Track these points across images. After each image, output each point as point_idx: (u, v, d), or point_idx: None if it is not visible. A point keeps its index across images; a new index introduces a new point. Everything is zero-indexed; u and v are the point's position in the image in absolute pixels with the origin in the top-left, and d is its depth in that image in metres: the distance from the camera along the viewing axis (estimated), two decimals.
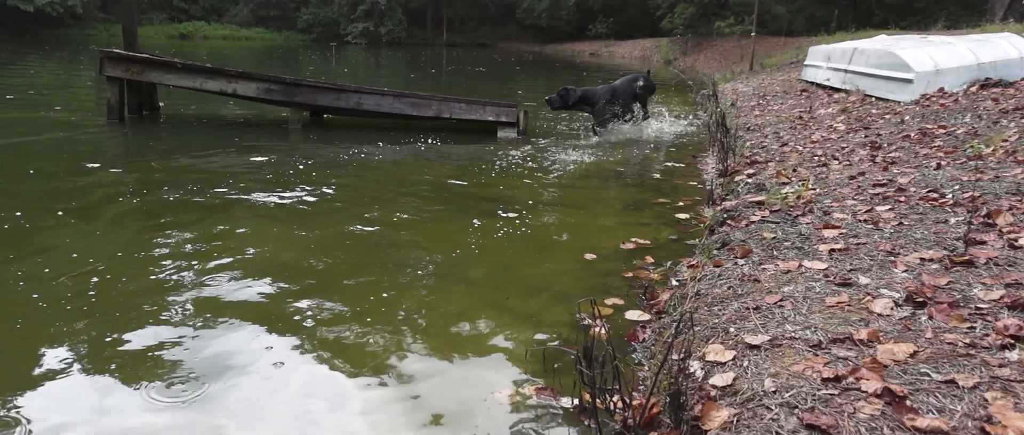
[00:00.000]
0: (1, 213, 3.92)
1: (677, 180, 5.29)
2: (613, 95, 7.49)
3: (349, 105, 7.35)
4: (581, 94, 7.36)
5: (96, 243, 3.54)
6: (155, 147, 6.28)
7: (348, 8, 46.90)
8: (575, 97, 7.34)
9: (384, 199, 4.61)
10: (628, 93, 7.60)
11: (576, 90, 7.41)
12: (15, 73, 14.74)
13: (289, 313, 2.77)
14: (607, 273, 3.31)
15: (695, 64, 21.37)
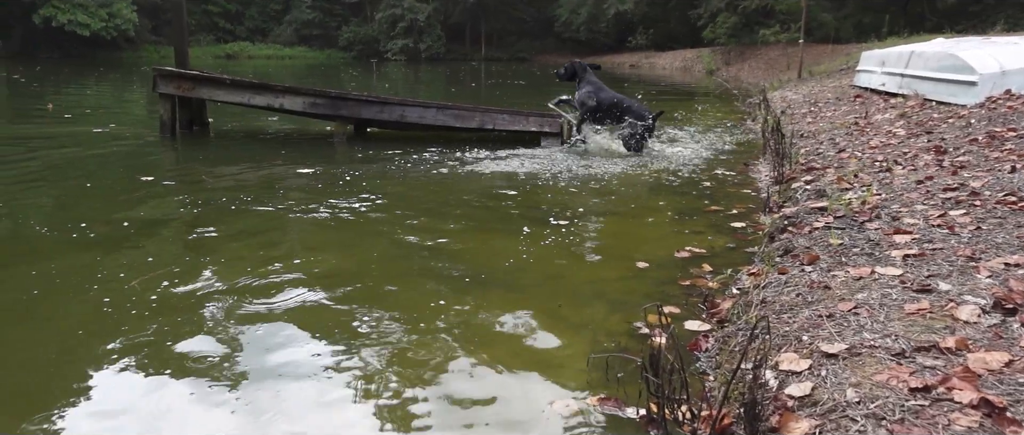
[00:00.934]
0: (68, 224, 4.00)
1: (729, 188, 5.14)
2: (600, 105, 6.85)
3: (393, 118, 7.38)
4: (585, 68, 7.13)
5: (157, 252, 3.57)
6: (205, 160, 6.38)
7: (388, 25, 47.63)
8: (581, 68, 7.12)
9: (431, 209, 4.58)
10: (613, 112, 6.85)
11: (582, 63, 7.20)
12: (73, 93, 15.27)
13: (338, 322, 2.73)
14: (662, 282, 3.20)
15: (739, 73, 21.05)
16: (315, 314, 2.80)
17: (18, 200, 4.66)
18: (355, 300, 2.95)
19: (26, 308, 2.82)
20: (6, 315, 2.74)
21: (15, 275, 3.20)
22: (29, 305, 2.85)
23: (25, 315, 2.76)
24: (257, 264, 3.35)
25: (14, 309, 2.81)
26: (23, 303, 2.88)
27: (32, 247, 3.62)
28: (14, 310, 2.79)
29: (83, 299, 2.90)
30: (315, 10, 50.45)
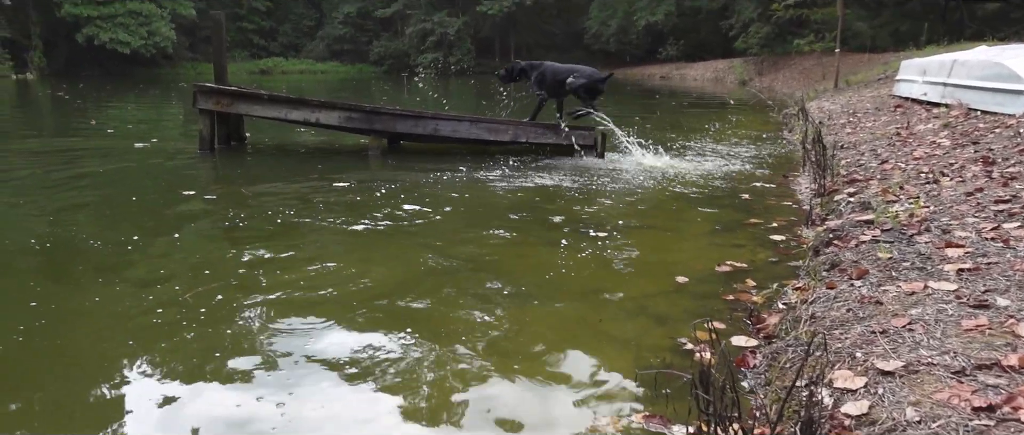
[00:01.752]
0: (121, 237, 4.10)
1: (769, 200, 5.07)
2: (543, 77, 7.10)
3: (426, 131, 7.42)
4: (523, 67, 7.35)
5: (203, 265, 3.62)
6: (244, 175, 6.48)
7: (418, 40, 48.08)
8: (517, 69, 7.35)
9: (467, 222, 4.58)
10: (558, 81, 7.05)
11: (520, 63, 7.43)
12: (115, 109, 15.66)
13: (379, 336, 2.74)
14: (704, 296, 3.16)
15: (773, 84, 20.80)
16: (357, 327, 2.81)
17: (67, 213, 4.78)
18: (395, 314, 2.96)
19: (80, 318, 2.88)
20: (63, 325, 2.80)
21: (70, 285, 3.27)
22: (82, 315, 2.91)
23: (79, 325, 2.82)
24: (300, 279, 3.38)
25: (68, 319, 2.87)
26: (77, 312, 2.94)
27: (84, 258, 3.70)
28: (68, 320, 2.85)
29: (137, 309, 2.95)
30: (347, 26, 51.16)
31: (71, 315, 2.93)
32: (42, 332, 2.73)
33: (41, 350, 2.59)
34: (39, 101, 19.12)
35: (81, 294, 3.18)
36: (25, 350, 2.59)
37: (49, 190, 5.60)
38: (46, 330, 2.75)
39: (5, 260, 3.66)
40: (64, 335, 2.74)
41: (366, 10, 51.19)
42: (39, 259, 3.74)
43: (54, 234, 4.19)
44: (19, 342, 2.64)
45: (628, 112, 14.05)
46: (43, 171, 6.43)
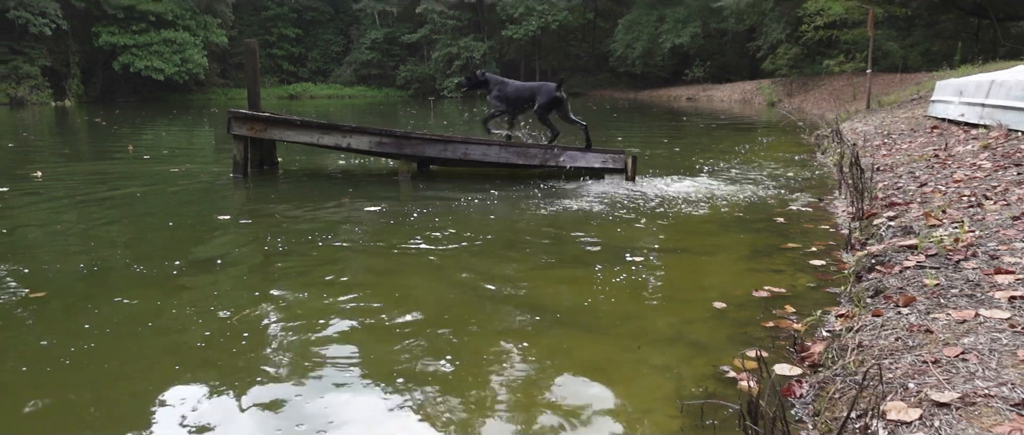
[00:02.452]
0: (165, 262, 4.17)
1: (805, 224, 4.99)
2: (505, 94, 7.47)
3: (456, 155, 7.46)
4: (485, 78, 7.64)
5: (242, 288, 3.66)
6: (277, 199, 6.56)
7: (444, 64, 48.64)
8: (478, 80, 7.66)
9: (500, 247, 4.58)
10: (521, 98, 7.47)
11: (483, 73, 7.70)
12: (150, 134, 16.01)
13: (415, 364, 2.73)
14: (744, 323, 3.10)
15: (803, 104, 20.61)
16: (392, 356, 2.81)
17: (108, 238, 4.87)
18: (430, 341, 2.95)
19: (126, 341, 2.91)
20: (110, 348, 2.83)
21: (115, 309, 3.32)
22: (128, 338, 2.94)
23: (125, 348, 2.85)
24: (336, 305, 3.40)
25: (115, 342, 2.90)
26: (124, 336, 2.97)
27: (127, 282, 3.75)
28: (115, 343, 2.89)
29: (181, 332, 2.98)
30: (374, 51, 51.99)
31: (118, 338, 2.97)
32: (89, 355, 2.77)
33: (88, 373, 2.62)
34: (77, 127, 19.64)
35: (127, 317, 3.22)
36: (73, 373, 2.62)
37: (90, 214, 5.72)
38: (93, 353, 2.79)
39: (50, 284, 3.73)
40: (112, 357, 2.77)
41: (393, 35, 52.02)
42: (84, 283, 3.80)
43: (96, 258, 4.26)
44: (66, 364, 2.68)
45: (656, 134, 14.03)
46: (83, 195, 6.58)
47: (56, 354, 2.79)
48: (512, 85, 7.60)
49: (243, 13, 52.67)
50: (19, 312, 3.32)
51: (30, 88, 35.10)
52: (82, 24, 39.19)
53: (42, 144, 13.98)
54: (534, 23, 45.37)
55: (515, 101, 7.49)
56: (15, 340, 2.99)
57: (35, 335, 3.02)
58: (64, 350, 2.82)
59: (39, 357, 2.78)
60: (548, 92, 7.32)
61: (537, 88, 7.47)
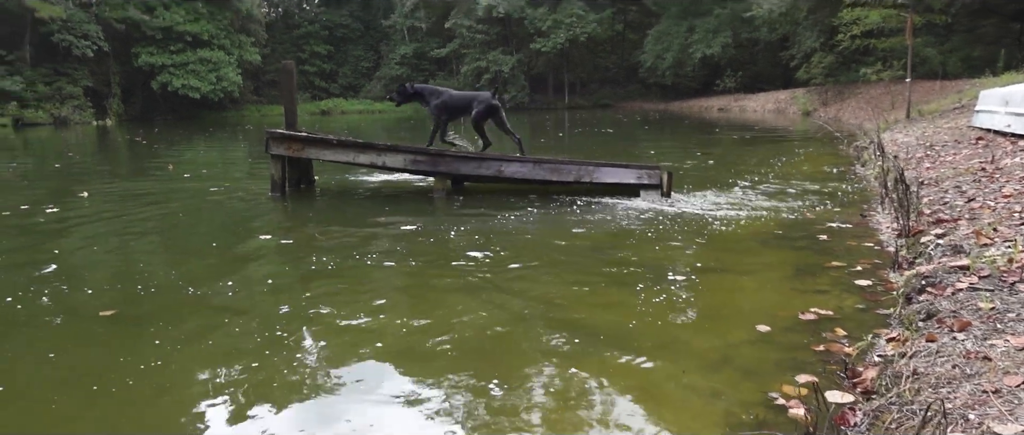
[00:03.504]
0: (219, 282, 4.27)
1: (848, 241, 4.89)
2: (444, 104, 7.61)
3: (490, 172, 7.49)
4: (417, 90, 7.80)
5: (294, 309, 3.70)
6: (315, 218, 6.65)
7: (473, 78, 48.95)
8: (411, 91, 7.79)
9: (537, 266, 4.57)
10: (458, 108, 7.68)
11: (415, 84, 7.83)
12: (188, 152, 16.37)
13: (453, 386, 2.73)
14: (792, 347, 3.05)
15: (839, 114, 20.28)
16: (433, 377, 2.81)
17: (157, 258, 4.98)
18: (471, 363, 2.95)
19: (175, 358, 2.97)
20: (160, 364, 2.89)
21: (178, 328, 3.41)
22: (179, 357, 3.00)
23: (174, 365, 2.90)
24: (377, 326, 3.43)
25: (164, 359, 2.96)
26: (188, 355, 3.05)
27: (185, 303, 3.84)
28: (164, 360, 2.94)
29: (229, 352, 3.03)
30: (403, 66, 52.56)
31: (168, 356, 3.04)
32: (160, 372, 2.83)
33: (139, 389, 2.68)
34: (118, 146, 20.15)
35: (190, 335, 3.32)
36: (123, 388, 2.68)
37: (137, 235, 5.86)
38: (162, 370, 2.85)
39: (117, 304, 3.83)
40: (181, 372, 2.82)
41: (422, 51, 52.57)
42: (147, 303, 3.89)
43: (151, 278, 4.36)
44: (123, 380, 2.74)
45: (688, 147, 13.91)
46: (129, 215, 6.74)
47: (105, 368, 2.89)
48: (449, 93, 7.80)
49: (276, 32, 53.75)
50: (98, 330, 3.49)
51: (73, 108, 36.11)
52: (122, 45, 40.28)
53: (86, 163, 14.37)
54: (562, 36, 45.47)
55: (453, 109, 7.72)
56: (105, 355, 3.16)
57: (114, 351, 3.19)
58: (112, 363, 2.92)
59: (122, 371, 2.88)
60: (484, 101, 7.58)
61: (474, 97, 7.75)
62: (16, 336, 3.45)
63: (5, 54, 34.40)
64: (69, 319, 3.65)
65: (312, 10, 58.02)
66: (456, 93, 7.89)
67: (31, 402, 2.72)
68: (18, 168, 13.17)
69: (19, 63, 35.09)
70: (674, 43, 40.66)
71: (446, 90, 7.90)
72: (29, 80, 34.81)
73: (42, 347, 3.26)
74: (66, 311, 3.76)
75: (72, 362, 3.08)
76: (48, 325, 3.57)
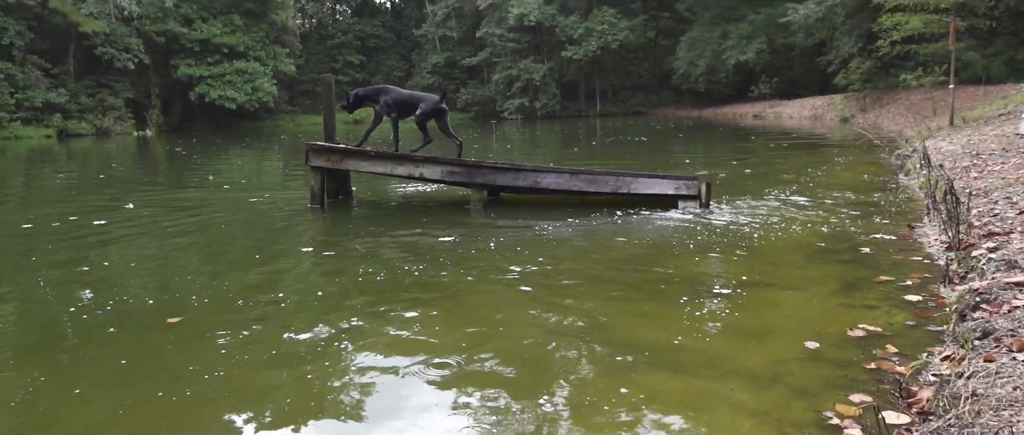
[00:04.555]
0: (270, 294, 4.39)
1: (894, 254, 4.80)
2: (392, 101, 7.74)
3: (527, 184, 7.50)
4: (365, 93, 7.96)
5: (345, 321, 3.76)
6: (355, 230, 6.73)
7: (504, 86, 49.08)
8: (358, 96, 7.94)
9: (577, 279, 4.56)
10: (407, 105, 7.78)
11: (356, 91, 8.01)
12: (226, 163, 16.69)
13: (498, 404, 2.74)
14: (842, 364, 3.00)
15: (878, 120, 19.89)
16: (482, 390, 2.82)
17: (206, 270, 5.08)
18: (518, 380, 2.96)
19: (251, 368, 3.04)
20: (242, 372, 2.96)
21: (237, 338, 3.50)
22: (254, 366, 3.07)
23: (249, 375, 2.96)
24: (420, 340, 3.46)
25: (244, 368, 3.05)
26: (249, 364, 3.13)
27: (242, 314, 3.93)
28: (245, 368, 3.01)
29: (296, 364, 3.09)
30: (435, 75, 52.94)
31: (246, 365, 3.13)
32: (226, 381, 2.89)
33: (202, 394, 2.74)
34: (159, 157, 20.63)
35: (249, 344, 3.42)
36: (185, 392, 2.75)
37: (183, 246, 6.00)
38: (228, 379, 2.91)
39: (181, 311, 3.94)
40: (245, 382, 2.88)
41: (453, 59, 52.91)
42: (212, 312, 4.00)
43: (205, 289, 4.46)
44: (187, 385, 2.81)
45: (723, 155, 13.79)
46: (173, 226, 6.90)
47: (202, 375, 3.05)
48: (396, 92, 7.96)
49: (310, 42, 54.61)
50: (171, 336, 3.63)
51: (114, 119, 37.09)
52: (162, 58, 41.30)
53: (129, 174, 14.75)
54: (594, 43, 45.38)
55: (400, 107, 7.84)
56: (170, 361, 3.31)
57: (185, 358, 3.33)
58: (207, 371, 3.07)
59: (188, 378, 3.00)
60: (432, 102, 7.77)
61: (421, 97, 7.94)
62: (91, 343, 3.61)
63: (51, 68, 35.50)
64: (136, 327, 3.82)
65: (345, 21, 58.86)
66: (404, 92, 8.09)
67: (102, 406, 2.85)
68: (65, 179, 13.56)
69: (64, 76, 36.20)
70: (707, 49, 40.30)
71: (393, 88, 8.09)
72: (73, 92, 35.89)
73: (114, 353, 3.43)
74: (130, 319, 3.93)
75: (141, 367, 3.25)
76: (115, 332, 3.73)
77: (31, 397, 2.94)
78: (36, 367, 3.26)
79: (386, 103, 7.82)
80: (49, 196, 10.64)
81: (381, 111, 7.94)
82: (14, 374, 3.20)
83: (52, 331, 3.80)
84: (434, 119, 7.83)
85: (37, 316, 4.09)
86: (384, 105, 7.84)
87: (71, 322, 3.90)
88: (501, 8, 47.71)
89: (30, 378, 3.12)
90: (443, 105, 7.84)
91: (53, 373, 3.19)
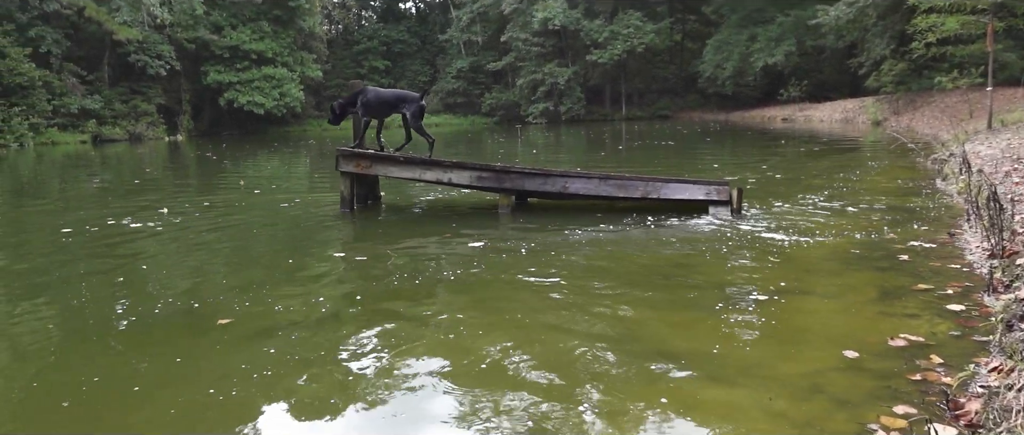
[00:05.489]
0: (311, 299, 4.44)
1: (933, 262, 4.70)
2: (368, 101, 7.72)
3: (555, 189, 7.49)
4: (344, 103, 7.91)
5: (382, 329, 3.79)
6: (385, 235, 6.77)
7: (528, 91, 49.11)
8: (342, 105, 7.88)
9: (610, 286, 4.54)
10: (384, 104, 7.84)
11: (338, 101, 7.97)
12: (254, 168, 16.91)
13: (537, 412, 2.73)
14: (885, 375, 2.93)
15: (912, 124, 19.53)
16: (512, 393, 2.81)
17: (243, 276, 5.15)
18: (547, 390, 2.94)
19: (299, 368, 3.08)
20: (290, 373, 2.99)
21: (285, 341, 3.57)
22: (301, 366, 3.11)
23: (298, 381, 3.00)
24: (457, 348, 3.46)
25: (293, 369, 3.09)
26: (299, 364, 3.19)
27: (286, 319, 3.98)
28: (295, 369, 3.04)
29: (335, 368, 3.12)
30: (460, 80, 53.18)
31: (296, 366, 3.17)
32: (275, 380, 2.93)
33: (251, 394, 2.78)
34: (190, 161, 20.97)
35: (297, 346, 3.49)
36: (233, 392, 2.79)
37: (219, 251, 6.09)
38: (277, 378, 2.94)
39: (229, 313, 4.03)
40: (295, 385, 2.91)
41: (478, 64, 53.06)
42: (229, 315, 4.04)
43: (245, 293, 4.51)
44: (235, 384, 2.85)
45: (752, 160, 13.63)
46: (208, 231, 7.00)
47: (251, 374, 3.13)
48: (374, 91, 7.97)
49: (336, 48, 55.19)
50: (224, 337, 3.73)
51: (147, 125, 37.83)
52: (192, 64, 42.06)
53: (163, 179, 15.01)
54: (619, 47, 45.23)
55: (377, 107, 7.88)
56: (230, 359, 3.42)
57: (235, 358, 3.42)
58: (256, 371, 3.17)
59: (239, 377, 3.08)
60: (415, 100, 7.78)
61: (404, 96, 7.95)
62: (146, 344, 3.72)
63: (86, 75, 36.33)
64: (186, 328, 3.95)
65: (370, 26, 59.38)
66: (384, 91, 8.12)
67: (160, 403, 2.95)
68: (101, 184, 13.84)
69: (98, 83, 37.04)
70: (734, 52, 39.92)
71: (373, 88, 8.10)
72: (107, 99, 36.71)
73: (169, 352, 3.54)
74: (179, 320, 4.07)
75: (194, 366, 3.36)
76: (167, 333, 3.88)
77: (91, 395, 3.04)
78: (94, 367, 3.37)
79: (364, 103, 7.83)
80: (86, 201, 10.87)
81: (358, 112, 7.92)
82: (75, 373, 3.29)
83: (106, 332, 3.89)
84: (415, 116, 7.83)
85: (88, 317, 4.17)
86: (362, 106, 7.84)
87: (124, 324, 4.00)
88: (526, 12, 47.77)
89: (89, 377, 3.23)
90: (423, 103, 7.92)
91: (110, 372, 3.30)
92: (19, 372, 3.37)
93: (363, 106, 7.82)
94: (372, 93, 7.95)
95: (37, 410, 2.93)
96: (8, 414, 2.91)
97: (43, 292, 4.80)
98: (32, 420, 2.85)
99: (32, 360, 3.52)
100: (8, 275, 5.47)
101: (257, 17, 43.40)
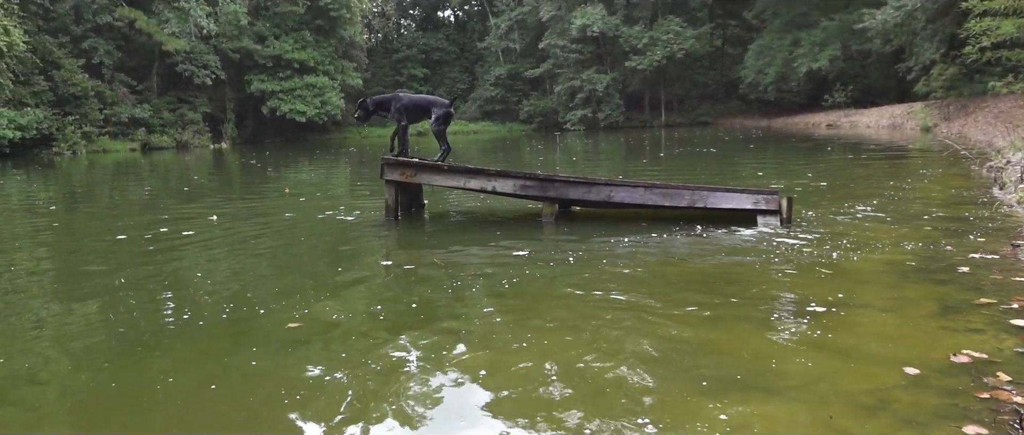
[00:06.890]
0: (369, 307, 4.56)
1: (995, 275, 4.55)
2: (404, 107, 7.97)
3: (599, 198, 7.45)
4: (379, 101, 8.14)
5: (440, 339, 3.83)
6: (430, 244, 6.82)
7: (566, 97, 49.09)
8: (372, 104, 8.12)
9: (660, 295, 4.50)
10: (419, 108, 8.10)
11: (371, 99, 8.20)
12: (299, 175, 17.20)
13: (582, 424, 2.73)
14: (950, 392, 2.86)
15: (965, 130, 18.95)
16: (562, 406, 2.81)
17: (296, 284, 5.21)
18: (601, 407, 2.92)
19: (368, 373, 3.13)
20: (360, 378, 3.05)
21: (353, 347, 3.68)
22: (369, 373, 3.16)
23: (364, 385, 3.05)
24: (514, 354, 3.48)
25: (361, 374, 3.14)
26: (369, 372, 3.22)
27: (352, 326, 4.05)
28: (365, 374, 3.10)
29: (400, 378, 3.16)
30: (498, 87, 53.44)
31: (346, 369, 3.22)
32: (346, 385, 2.98)
33: (319, 399, 2.83)
34: (235, 169, 21.43)
35: (363, 351, 3.60)
36: (310, 398, 2.85)
37: (268, 260, 6.20)
38: (346, 383, 3.00)
39: (301, 318, 4.12)
40: (366, 390, 2.96)
41: (516, 71, 53.28)
42: (332, 325, 4.14)
43: (302, 302, 4.59)
44: (334, 388, 2.90)
45: (797, 167, 13.38)
46: (255, 238, 7.14)
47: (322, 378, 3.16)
48: (407, 97, 8.20)
49: (376, 56, 55.99)
50: (298, 340, 3.86)
51: (193, 133, 38.85)
52: (236, 73, 43.07)
53: (209, 186, 15.37)
54: (659, 53, 44.94)
55: (413, 112, 8.13)
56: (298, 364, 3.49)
57: (308, 361, 3.55)
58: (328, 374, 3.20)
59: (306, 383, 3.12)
60: (444, 106, 8.03)
61: (433, 100, 8.18)
62: (214, 348, 3.85)
63: (136, 84, 37.51)
64: (256, 333, 4.07)
65: (409, 35, 60.14)
66: (416, 96, 8.38)
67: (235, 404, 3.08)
68: (151, 191, 14.24)
69: (147, 92, 38.21)
70: (777, 57, 39.31)
71: (406, 94, 8.31)
72: (156, 108, 37.85)
73: (243, 357, 3.67)
74: (247, 325, 4.21)
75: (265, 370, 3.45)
76: (238, 337, 4.02)
77: (166, 396, 3.19)
78: (166, 369, 3.50)
79: (397, 109, 8.04)
80: (138, 208, 11.19)
81: (393, 117, 8.13)
82: (154, 375, 3.44)
83: (177, 336, 4.02)
84: (441, 122, 8.04)
85: (152, 322, 4.29)
86: (396, 111, 8.05)
87: (191, 329, 4.13)
88: (564, 19, 47.80)
89: (162, 378, 3.38)
90: (452, 109, 8.10)
91: (181, 374, 3.44)
92: (93, 373, 3.49)
93: (399, 111, 8.05)
94: (407, 98, 8.21)
95: (113, 408, 3.04)
96: (85, 414, 3.02)
97: (99, 295, 4.98)
98: (108, 420, 2.94)
99: (96, 359, 3.64)
100: (71, 277, 5.67)
101: (300, 27, 44.29)
